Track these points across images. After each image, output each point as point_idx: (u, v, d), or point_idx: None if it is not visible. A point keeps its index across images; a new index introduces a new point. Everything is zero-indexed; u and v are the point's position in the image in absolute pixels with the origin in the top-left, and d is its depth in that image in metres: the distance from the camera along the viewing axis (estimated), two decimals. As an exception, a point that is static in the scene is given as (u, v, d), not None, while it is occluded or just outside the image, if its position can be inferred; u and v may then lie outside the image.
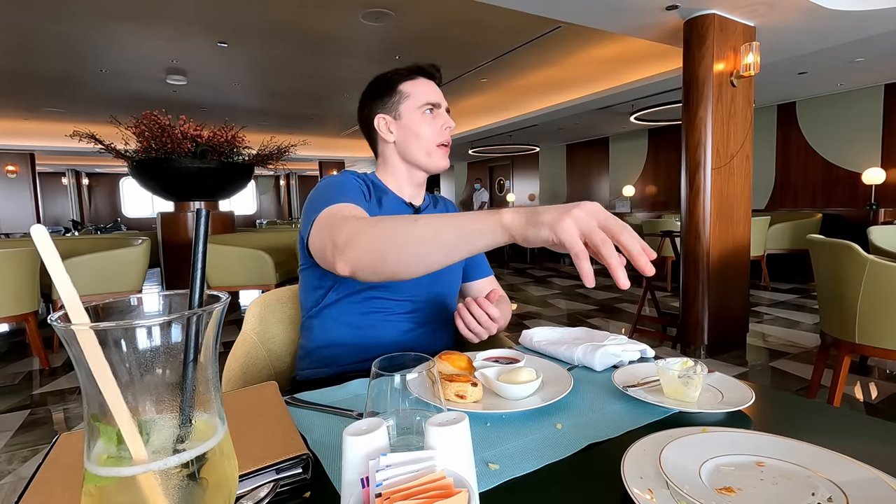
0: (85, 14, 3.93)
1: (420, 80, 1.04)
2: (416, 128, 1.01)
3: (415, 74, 1.04)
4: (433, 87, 1.05)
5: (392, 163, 1.06)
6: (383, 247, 0.70)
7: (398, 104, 1.03)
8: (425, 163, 1.03)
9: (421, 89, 1.03)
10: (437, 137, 1.02)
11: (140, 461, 0.29)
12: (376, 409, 0.48)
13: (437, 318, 1.04)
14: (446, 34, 4.60)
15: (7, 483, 1.89)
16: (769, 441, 0.53)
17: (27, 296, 3.21)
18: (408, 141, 1.03)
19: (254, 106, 7.45)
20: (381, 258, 0.71)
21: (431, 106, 1.02)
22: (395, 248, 0.69)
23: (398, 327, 0.99)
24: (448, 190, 15.82)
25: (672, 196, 8.41)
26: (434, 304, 1.03)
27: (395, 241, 0.69)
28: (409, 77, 1.04)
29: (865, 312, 1.96)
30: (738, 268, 3.47)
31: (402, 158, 1.05)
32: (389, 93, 1.03)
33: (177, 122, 4.77)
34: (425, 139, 1.02)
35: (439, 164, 1.04)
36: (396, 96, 1.03)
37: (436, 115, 1.03)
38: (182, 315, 0.30)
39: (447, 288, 1.07)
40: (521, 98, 7.19)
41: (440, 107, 1.04)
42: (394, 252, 0.70)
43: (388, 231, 0.71)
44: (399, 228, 0.70)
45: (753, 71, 3.25)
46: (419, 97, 1.02)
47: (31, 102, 6.91)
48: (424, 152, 1.02)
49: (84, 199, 14.50)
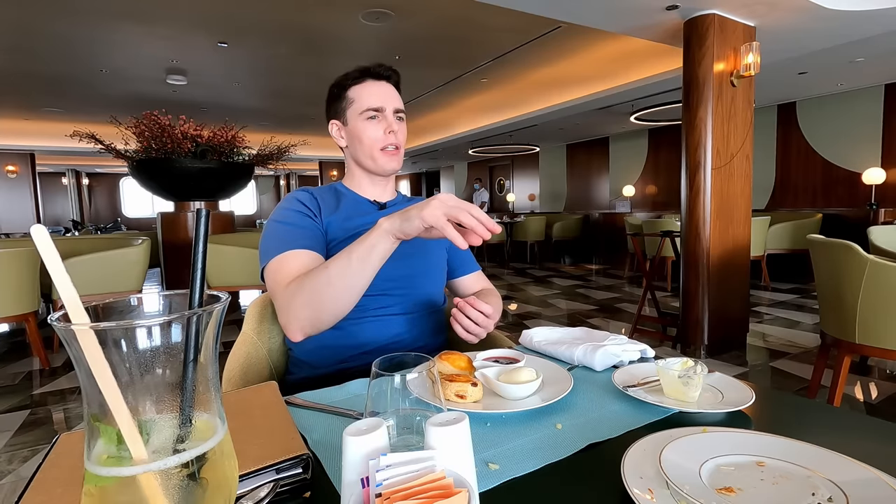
0: (85, 14, 3.93)
1: (367, 83, 1.04)
2: (359, 133, 1.03)
3: (362, 78, 1.04)
4: (381, 89, 1.04)
5: (350, 165, 1.10)
6: (313, 302, 0.82)
7: (346, 110, 1.04)
8: (371, 166, 1.05)
9: (366, 93, 1.03)
10: (379, 142, 1.02)
11: (140, 461, 0.29)
12: (376, 409, 0.48)
13: (423, 316, 1.04)
14: (446, 34, 4.60)
15: (7, 483, 1.89)
16: (769, 441, 0.53)
17: (27, 296, 3.21)
18: (354, 146, 1.05)
19: (254, 106, 7.45)
20: (318, 312, 0.83)
21: (374, 111, 1.02)
22: (322, 298, 0.81)
23: (385, 326, 0.99)
24: (448, 190, 15.84)
25: (672, 196, 8.41)
26: (419, 302, 1.03)
27: (318, 293, 0.81)
28: (356, 81, 1.04)
29: (865, 312, 1.96)
30: (738, 268, 3.47)
31: (355, 162, 1.08)
32: (340, 98, 1.05)
33: (177, 122, 4.77)
34: (367, 145, 1.03)
35: (385, 168, 1.05)
36: (345, 102, 1.04)
37: (379, 120, 1.02)
38: (182, 315, 0.30)
39: (431, 285, 1.08)
40: (521, 98, 7.19)
41: (384, 111, 1.03)
42: (323, 301, 0.81)
43: (309, 288, 0.82)
44: (315, 280, 0.81)
45: (753, 71, 3.25)
46: (362, 102, 1.02)
47: (31, 102, 6.91)
48: (369, 157, 1.04)
49: (84, 199, 14.50)
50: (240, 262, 4.27)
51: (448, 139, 9.88)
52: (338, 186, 1.11)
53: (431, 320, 1.07)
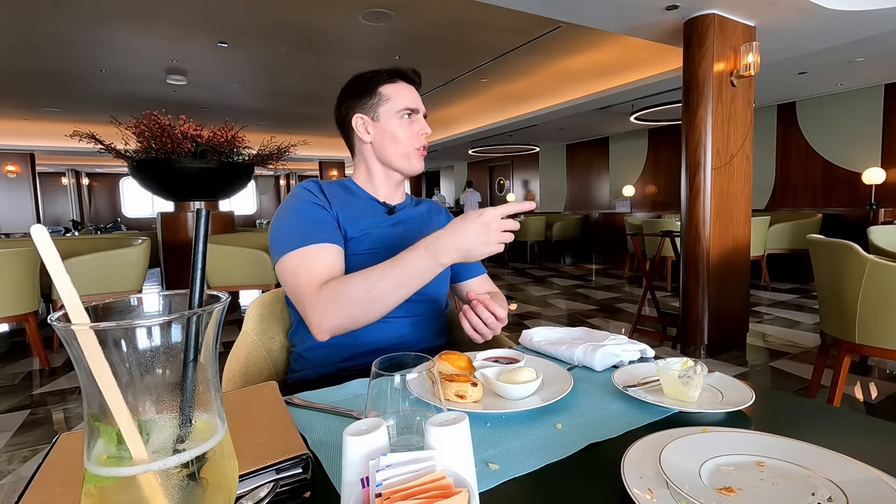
0: (85, 14, 3.93)
1: (400, 83, 1.05)
2: (395, 131, 1.03)
3: (396, 78, 1.05)
4: (413, 91, 1.06)
5: (368, 162, 1.08)
6: (354, 315, 0.85)
7: (377, 106, 1.04)
8: (402, 165, 1.05)
9: (401, 93, 1.03)
10: (414, 142, 1.04)
11: (140, 461, 0.29)
12: (376, 409, 0.48)
13: (426, 318, 1.04)
14: (446, 34, 4.60)
15: (7, 483, 1.89)
16: (769, 441, 0.53)
17: (27, 296, 3.21)
18: (384, 143, 1.04)
19: (254, 106, 7.45)
20: (356, 322, 0.86)
21: (410, 111, 1.03)
22: (365, 311, 0.85)
23: (388, 328, 0.98)
24: (448, 189, 15.83)
25: (672, 196, 8.41)
26: (423, 305, 1.03)
27: (361, 306, 0.84)
28: (389, 80, 1.04)
29: (865, 312, 1.96)
30: (738, 268, 3.47)
31: (378, 159, 1.07)
32: (369, 94, 1.04)
33: (177, 122, 4.77)
34: (403, 143, 1.03)
35: (415, 168, 1.06)
36: (376, 98, 1.04)
37: (413, 121, 1.04)
38: (182, 315, 0.30)
39: (435, 288, 1.07)
40: (521, 98, 7.19)
41: (418, 112, 1.05)
42: (365, 313, 0.85)
43: (352, 300, 0.84)
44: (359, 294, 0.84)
45: (753, 71, 3.25)
46: (399, 101, 1.03)
47: (31, 102, 6.91)
48: (401, 155, 1.04)
49: (84, 199, 14.50)
50: (240, 262, 4.27)
51: (448, 139, 9.88)
52: (347, 183, 1.10)
53: (435, 323, 1.07)
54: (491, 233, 0.79)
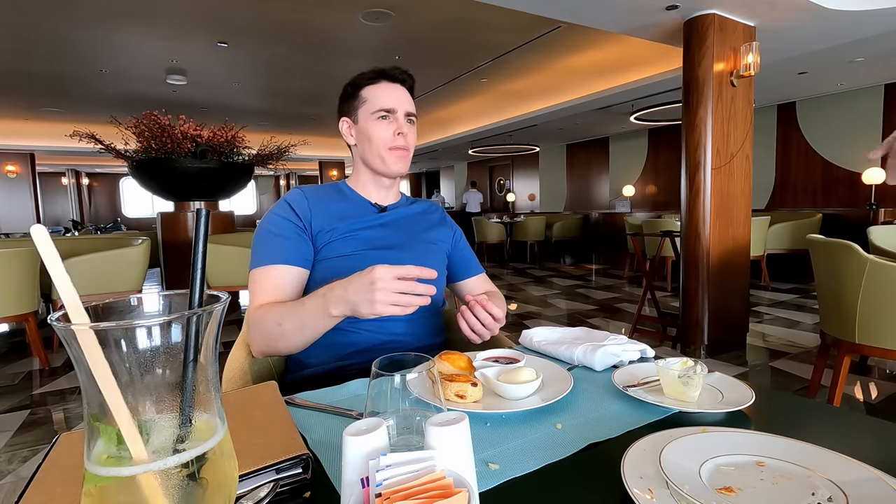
0: (85, 14, 3.93)
1: (382, 84, 1.05)
2: (369, 133, 1.03)
3: (379, 78, 1.05)
4: (396, 90, 1.05)
5: (357, 165, 1.11)
6: (268, 341, 0.91)
7: (357, 108, 1.05)
8: (378, 166, 1.05)
9: (380, 94, 1.03)
10: (387, 142, 1.03)
11: (140, 461, 0.29)
12: (376, 409, 0.48)
13: (423, 317, 1.04)
14: (446, 34, 4.60)
15: (7, 483, 1.89)
16: (769, 441, 0.53)
17: (27, 296, 3.20)
18: (363, 145, 1.06)
19: (254, 106, 7.45)
20: (271, 349, 0.92)
21: (385, 111, 1.03)
22: (275, 342, 0.90)
23: (385, 326, 0.99)
24: (448, 189, 15.84)
25: (672, 196, 8.41)
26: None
27: (273, 339, 0.89)
28: (371, 81, 1.05)
29: (865, 312, 1.96)
30: (737, 268, 3.47)
31: (362, 161, 1.08)
32: (353, 97, 1.06)
33: (177, 122, 4.77)
34: (376, 143, 1.03)
35: (392, 169, 1.05)
36: (357, 100, 1.05)
37: (390, 121, 1.03)
38: (182, 315, 0.30)
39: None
40: (521, 98, 7.19)
41: (395, 112, 1.03)
42: (274, 344, 0.90)
43: (268, 330, 0.89)
44: (272, 328, 0.89)
45: (753, 71, 3.24)
46: (375, 102, 1.03)
47: (31, 102, 6.91)
48: (376, 156, 1.04)
49: (84, 199, 14.50)
50: (240, 262, 4.26)
51: (448, 139, 9.88)
52: (341, 185, 1.11)
53: (431, 322, 1.07)
54: (376, 291, 0.73)
